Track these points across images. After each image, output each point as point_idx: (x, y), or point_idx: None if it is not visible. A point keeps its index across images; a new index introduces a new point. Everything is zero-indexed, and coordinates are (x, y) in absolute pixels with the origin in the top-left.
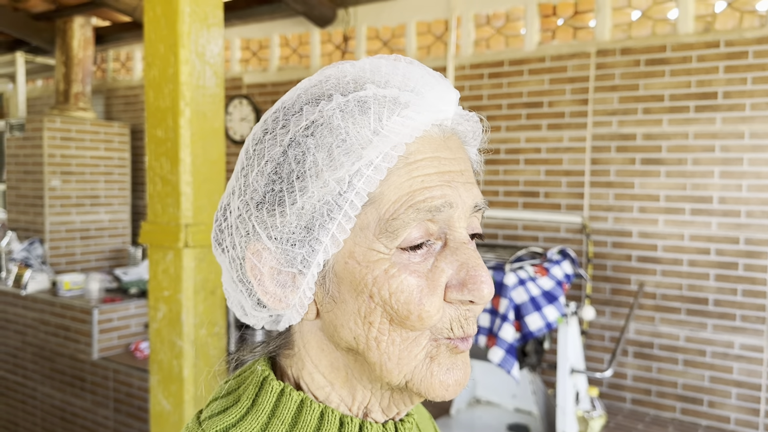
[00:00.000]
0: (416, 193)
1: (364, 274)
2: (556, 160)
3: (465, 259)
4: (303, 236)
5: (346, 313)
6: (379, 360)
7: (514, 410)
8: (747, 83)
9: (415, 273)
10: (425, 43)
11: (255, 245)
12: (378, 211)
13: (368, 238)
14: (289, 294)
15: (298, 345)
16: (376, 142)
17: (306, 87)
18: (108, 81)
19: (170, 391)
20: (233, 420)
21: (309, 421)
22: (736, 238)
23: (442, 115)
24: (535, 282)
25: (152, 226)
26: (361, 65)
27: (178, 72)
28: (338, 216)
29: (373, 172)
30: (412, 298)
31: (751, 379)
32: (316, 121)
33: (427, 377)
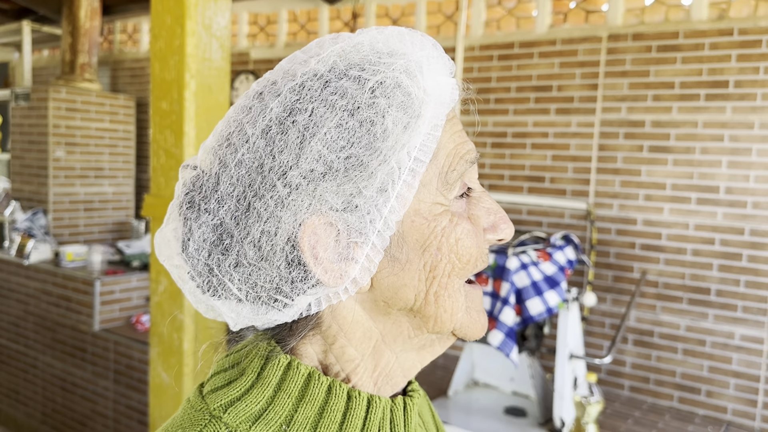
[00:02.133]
0: (460, 147)
1: (433, 228)
2: (563, 145)
3: (489, 204)
4: (375, 201)
5: (410, 273)
6: (435, 313)
7: (512, 393)
8: (759, 73)
9: (467, 220)
10: (435, 22)
11: (314, 219)
12: (436, 166)
13: (431, 194)
14: (351, 267)
15: (327, 323)
16: (429, 101)
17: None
18: (114, 53)
19: (170, 364)
20: (238, 393)
21: (317, 394)
22: (741, 228)
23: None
24: (538, 267)
25: (155, 199)
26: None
27: (184, 44)
28: (404, 174)
29: (433, 129)
30: (474, 241)
31: (749, 370)
32: (384, 81)
33: (471, 324)
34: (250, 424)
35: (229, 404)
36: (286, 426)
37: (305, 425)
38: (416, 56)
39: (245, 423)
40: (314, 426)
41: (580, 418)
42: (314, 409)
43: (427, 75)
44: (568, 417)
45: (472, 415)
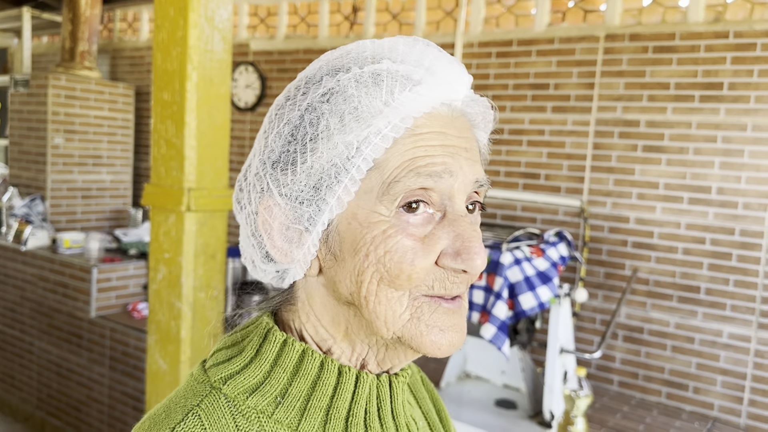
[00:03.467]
0: (418, 159)
1: (363, 234)
2: (559, 143)
3: (461, 230)
4: (311, 196)
5: (344, 271)
6: (369, 317)
7: (503, 386)
8: (753, 75)
9: (412, 236)
10: (435, 18)
11: (267, 201)
12: (381, 176)
13: (371, 201)
14: (294, 249)
15: (301, 300)
16: (386, 112)
17: (328, 59)
18: (114, 41)
19: (167, 351)
20: (237, 368)
21: (310, 369)
22: (731, 229)
23: (452, 95)
24: (531, 262)
25: (155, 188)
26: (380, 43)
27: (186, 35)
28: (345, 179)
29: (380, 140)
30: (405, 258)
31: (736, 367)
32: (333, 89)
33: (417, 336)
34: (248, 395)
35: (228, 377)
36: (281, 398)
37: (298, 397)
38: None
39: (243, 394)
40: (307, 398)
41: (569, 412)
42: (307, 383)
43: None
44: (558, 410)
45: (464, 406)
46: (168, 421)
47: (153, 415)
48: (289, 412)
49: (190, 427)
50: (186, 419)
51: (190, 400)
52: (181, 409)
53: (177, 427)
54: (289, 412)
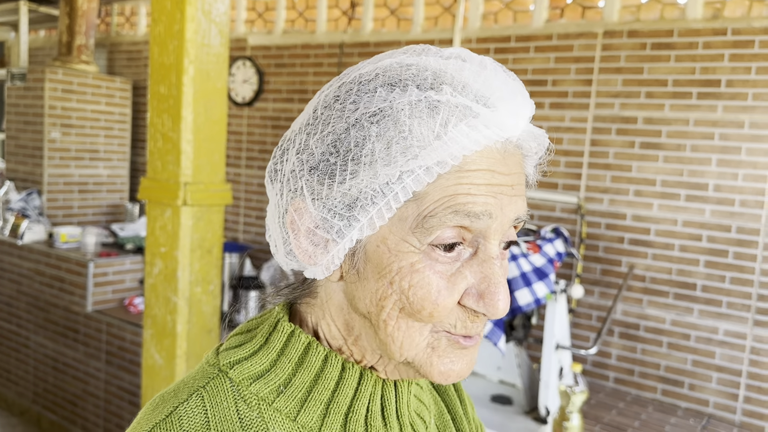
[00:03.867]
0: (459, 197)
1: (391, 261)
2: (557, 139)
3: (489, 273)
4: (344, 212)
5: (365, 290)
6: (384, 339)
7: (499, 382)
8: (751, 73)
9: (439, 273)
10: (433, 13)
11: (299, 203)
12: (419, 208)
13: (403, 230)
14: (319, 254)
15: (321, 297)
16: (436, 146)
17: (386, 67)
18: (111, 35)
19: (163, 346)
20: (246, 354)
21: (313, 362)
22: (728, 226)
23: (509, 133)
24: (527, 258)
25: (151, 182)
26: (445, 62)
27: (183, 29)
28: (381, 203)
29: (424, 173)
30: (429, 295)
31: (732, 364)
32: (384, 110)
33: (427, 365)
34: (252, 381)
35: (236, 362)
36: (284, 387)
37: (300, 388)
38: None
39: (247, 380)
40: (309, 390)
41: (565, 407)
42: (310, 375)
43: (452, 120)
44: (553, 406)
45: None
46: (174, 399)
47: (164, 393)
48: (289, 401)
49: (192, 407)
50: (190, 399)
51: (198, 381)
52: (188, 389)
53: (180, 406)
54: (289, 401)
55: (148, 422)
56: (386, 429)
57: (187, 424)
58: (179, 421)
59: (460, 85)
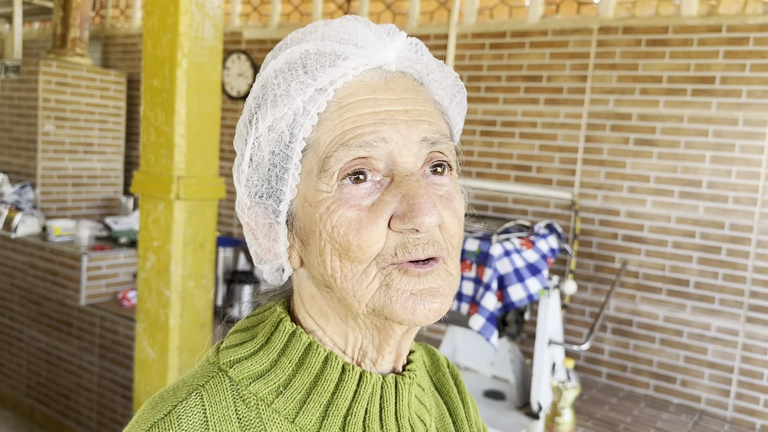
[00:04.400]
0: (347, 132)
1: (313, 214)
2: (551, 135)
3: (407, 190)
4: (267, 189)
5: (311, 254)
6: (340, 294)
7: (492, 377)
8: (745, 70)
9: (355, 207)
10: (429, 8)
11: (245, 202)
12: (317, 155)
13: (313, 180)
14: (275, 245)
15: (295, 292)
16: (305, 89)
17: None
18: (106, 28)
19: (156, 340)
20: (247, 353)
21: (314, 363)
22: (721, 223)
23: (376, 59)
24: (521, 254)
25: (144, 176)
26: (315, 25)
27: (177, 22)
28: (289, 165)
29: (303, 117)
30: (350, 229)
31: (724, 361)
32: (265, 85)
33: (388, 304)
34: (251, 381)
35: (236, 361)
36: (283, 388)
37: (300, 390)
38: (314, 45)
39: (247, 379)
40: (308, 392)
41: (557, 403)
42: (310, 376)
43: (309, 62)
44: (545, 401)
45: None
46: (173, 398)
47: (164, 391)
48: (288, 403)
49: (191, 405)
50: (189, 398)
51: (198, 379)
52: (188, 388)
53: (179, 405)
54: (288, 403)
55: (147, 421)
56: (382, 431)
57: (185, 423)
58: (178, 420)
59: (325, 36)
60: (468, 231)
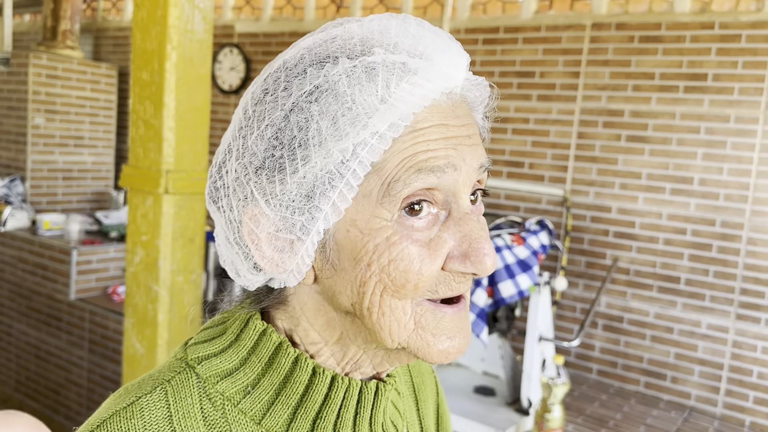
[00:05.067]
0: (419, 155)
1: (365, 242)
2: (544, 131)
3: (468, 230)
4: (303, 204)
5: (344, 281)
6: (373, 328)
7: (482, 373)
8: (738, 67)
9: (417, 242)
10: (422, 2)
11: (253, 210)
12: (380, 178)
13: (371, 205)
14: (287, 259)
15: (293, 304)
16: (383, 110)
17: (310, 46)
18: (98, 20)
19: (144, 335)
20: (216, 350)
21: (283, 364)
22: (712, 220)
23: (452, 83)
24: (512, 250)
25: (133, 169)
26: (369, 26)
27: (166, 14)
28: (340, 185)
29: (377, 141)
30: (412, 266)
31: (714, 358)
32: (321, 86)
33: (425, 347)
34: (219, 379)
35: (204, 358)
36: (252, 388)
37: (268, 391)
38: (389, 57)
39: (215, 377)
40: (277, 393)
41: (547, 399)
42: (279, 377)
43: (392, 79)
44: (535, 397)
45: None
46: (137, 391)
47: (129, 384)
48: (255, 404)
49: (155, 400)
50: (153, 392)
51: (164, 374)
52: (153, 382)
53: (143, 398)
54: (255, 404)
55: (109, 410)
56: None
57: (148, 416)
58: (140, 412)
59: (391, 45)
60: None
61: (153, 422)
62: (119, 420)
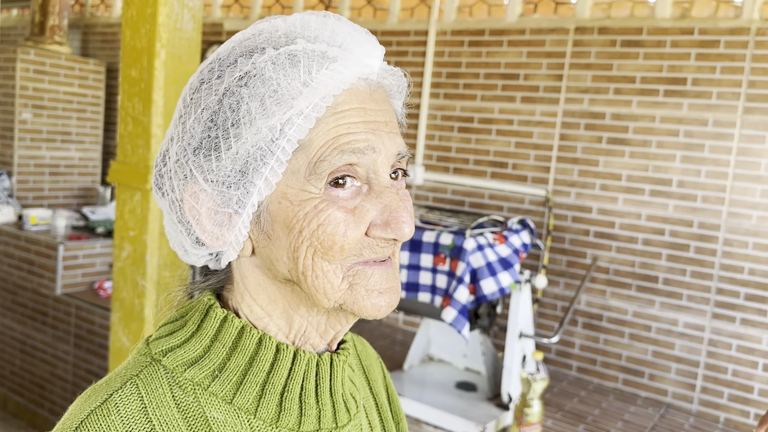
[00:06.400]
0: (342, 137)
1: (296, 212)
2: (527, 133)
3: (388, 201)
4: (238, 179)
5: (280, 249)
6: (309, 291)
7: (464, 369)
8: (716, 72)
9: (343, 208)
10: (409, 4)
11: (192, 187)
12: (307, 156)
13: (299, 181)
14: (225, 232)
15: (236, 280)
16: (306, 93)
17: (240, 40)
18: (86, 16)
19: (131, 329)
20: (178, 342)
21: (248, 345)
22: (690, 221)
23: (368, 70)
24: (493, 248)
25: (121, 165)
26: (292, 20)
27: (156, 13)
28: (271, 161)
29: (303, 120)
30: (338, 229)
31: (690, 355)
32: (249, 72)
33: (359, 301)
34: (186, 367)
35: (168, 350)
36: (219, 372)
37: (236, 372)
38: (309, 46)
39: (181, 366)
40: (243, 373)
41: (526, 394)
42: (245, 358)
43: (314, 66)
44: (515, 393)
45: (426, 388)
46: (106, 388)
47: (95, 385)
48: (225, 385)
49: (127, 394)
50: (124, 387)
51: (131, 370)
52: (120, 379)
53: (114, 394)
54: (225, 385)
55: (82, 411)
56: (318, 406)
57: (123, 410)
58: (116, 408)
59: (312, 36)
60: (443, 225)
61: (129, 416)
62: (96, 419)
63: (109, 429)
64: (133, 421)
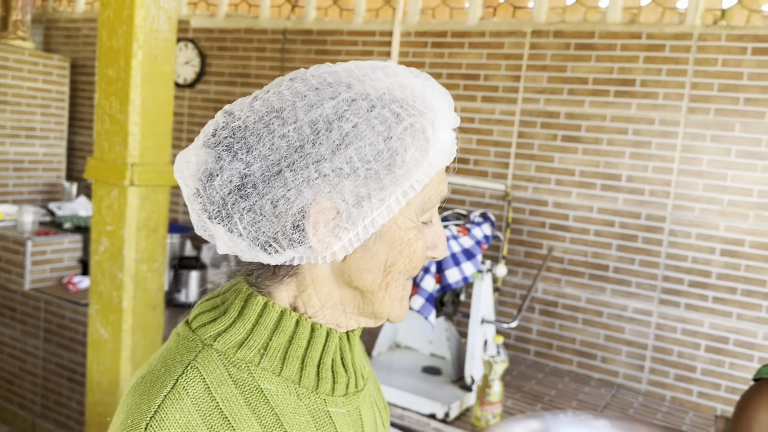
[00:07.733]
0: (441, 185)
1: (401, 236)
2: (487, 131)
3: (439, 230)
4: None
5: (376, 263)
6: (383, 299)
7: (430, 355)
8: (662, 74)
9: (423, 238)
10: (374, 5)
11: (324, 203)
12: (422, 197)
13: (411, 213)
14: (335, 243)
15: (303, 275)
16: (439, 159)
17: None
18: (48, 11)
19: (109, 321)
20: (224, 327)
21: (287, 326)
22: (638, 213)
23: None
24: (457, 240)
25: (98, 162)
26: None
27: (132, 14)
28: (404, 200)
29: (431, 170)
30: (422, 253)
31: (639, 339)
32: (414, 125)
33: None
34: (236, 349)
35: (217, 335)
36: (264, 350)
37: (279, 349)
38: (439, 112)
39: (232, 348)
40: (285, 350)
41: (488, 375)
42: (285, 337)
43: (440, 128)
44: (478, 375)
45: (393, 373)
46: (169, 374)
47: (151, 371)
48: (273, 361)
49: (191, 378)
50: (186, 372)
51: (186, 355)
52: (180, 364)
53: (180, 379)
54: (273, 361)
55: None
56: (347, 374)
57: (192, 392)
58: (185, 391)
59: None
60: None
61: (197, 396)
62: (171, 403)
63: (183, 411)
64: (201, 401)
